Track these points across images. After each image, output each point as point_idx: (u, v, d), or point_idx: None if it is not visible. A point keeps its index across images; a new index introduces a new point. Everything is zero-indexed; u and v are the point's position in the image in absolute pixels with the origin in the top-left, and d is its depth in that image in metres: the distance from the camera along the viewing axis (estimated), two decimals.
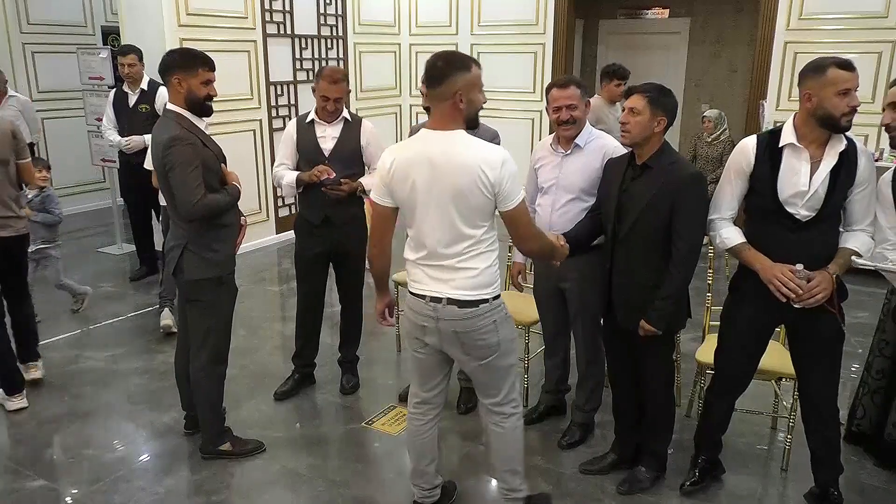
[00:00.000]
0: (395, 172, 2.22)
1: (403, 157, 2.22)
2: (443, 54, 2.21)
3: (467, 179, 2.13)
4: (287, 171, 3.36)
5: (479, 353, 2.30)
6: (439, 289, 2.25)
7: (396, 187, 2.24)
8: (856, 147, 2.36)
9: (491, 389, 2.41)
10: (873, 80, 5.55)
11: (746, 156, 2.46)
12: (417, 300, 2.31)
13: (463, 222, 2.18)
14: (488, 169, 2.12)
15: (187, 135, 2.66)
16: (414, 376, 2.52)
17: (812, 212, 2.35)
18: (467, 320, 2.24)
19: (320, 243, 3.40)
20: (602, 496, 2.79)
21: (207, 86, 2.72)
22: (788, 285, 2.32)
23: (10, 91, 6.45)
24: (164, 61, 2.72)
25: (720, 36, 7.76)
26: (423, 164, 2.17)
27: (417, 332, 2.36)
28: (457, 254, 2.22)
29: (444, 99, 2.16)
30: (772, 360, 2.80)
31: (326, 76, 3.23)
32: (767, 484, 2.91)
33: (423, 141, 2.21)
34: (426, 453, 2.57)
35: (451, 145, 2.16)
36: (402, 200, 2.25)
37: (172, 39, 5.29)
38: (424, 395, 2.51)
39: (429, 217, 2.20)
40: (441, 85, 2.15)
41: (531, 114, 7.20)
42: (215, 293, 2.83)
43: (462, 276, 2.23)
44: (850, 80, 2.26)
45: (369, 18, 7.30)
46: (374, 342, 4.27)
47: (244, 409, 3.45)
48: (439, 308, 2.25)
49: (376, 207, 2.33)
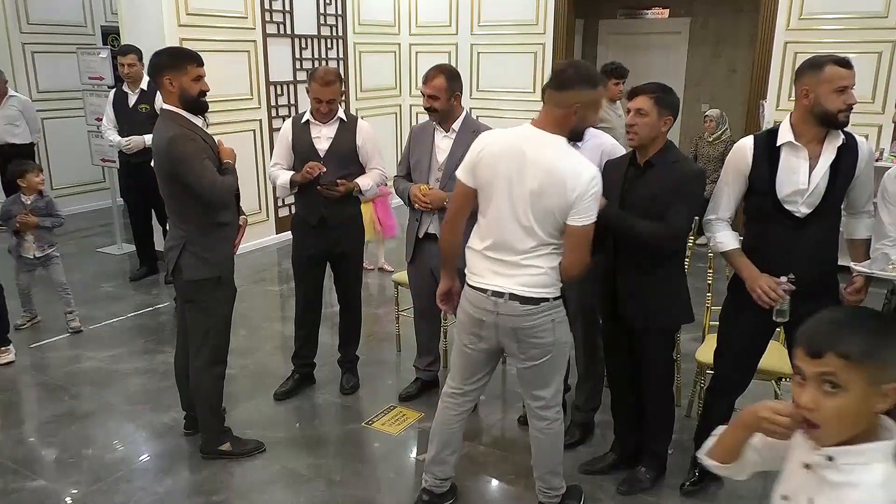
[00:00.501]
0: (485, 156, 2.25)
1: (497, 144, 2.26)
2: (575, 63, 2.25)
3: (552, 182, 2.16)
4: (282, 172, 3.36)
5: (533, 351, 2.32)
6: (502, 283, 2.26)
7: (481, 170, 2.26)
8: (855, 140, 2.37)
9: (540, 391, 2.42)
10: (873, 80, 5.55)
11: (744, 156, 2.47)
12: (478, 294, 2.31)
13: (536, 222, 2.21)
14: (576, 179, 2.16)
15: (187, 132, 2.66)
16: (458, 370, 2.51)
17: (811, 208, 2.36)
18: (527, 317, 2.26)
19: (317, 243, 3.39)
20: (602, 496, 2.79)
21: (199, 81, 2.71)
22: (770, 295, 2.36)
23: (10, 91, 6.46)
24: (152, 63, 2.71)
25: (720, 36, 7.75)
26: (514, 156, 2.21)
27: (474, 327, 2.36)
28: (524, 250, 2.24)
29: (562, 106, 2.19)
30: (772, 360, 2.80)
31: (318, 78, 3.22)
32: (767, 484, 2.90)
33: (523, 135, 2.24)
34: (451, 443, 2.59)
35: (549, 147, 2.21)
36: (483, 184, 2.27)
37: (172, 39, 5.29)
38: (466, 388, 2.52)
39: (506, 208, 2.22)
40: (564, 92, 2.18)
41: (531, 114, 7.14)
42: (214, 293, 2.83)
43: (527, 272, 2.24)
44: (847, 77, 2.27)
45: (369, 18, 7.30)
46: (375, 343, 4.27)
47: (244, 409, 3.45)
48: (500, 303, 2.26)
49: (458, 185, 2.36)
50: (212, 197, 2.69)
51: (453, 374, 2.54)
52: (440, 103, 3.06)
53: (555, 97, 2.20)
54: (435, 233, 3.19)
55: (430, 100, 3.07)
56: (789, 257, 2.37)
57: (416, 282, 3.40)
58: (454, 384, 2.54)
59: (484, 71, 7.43)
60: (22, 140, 6.51)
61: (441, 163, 3.14)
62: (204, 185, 2.65)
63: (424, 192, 3.09)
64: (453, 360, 2.54)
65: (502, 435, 3.27)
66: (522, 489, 2.85)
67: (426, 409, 3.44)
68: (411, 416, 3.39)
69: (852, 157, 2.34)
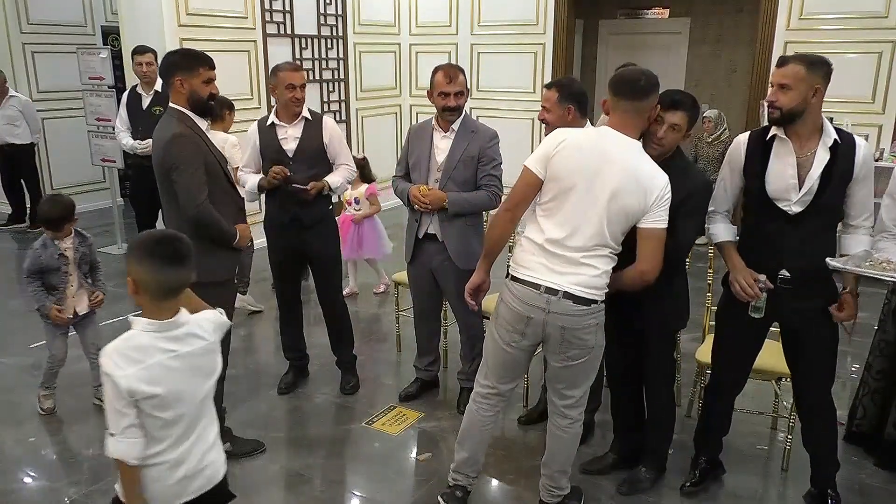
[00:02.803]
0: (564, 148, 2.23)
1: (578, 140, 2.25)
2: (644, 71, 2.28)
3: (633, 182, 2.19)
4: (250, 176, 3.37)
5: (574, 352, 2.31)
6: (556, 280, 2.23)
7: (558, 162, 2.23)
8: (852, 142, 2.35)
9: (570, 391, 2.42)
10: (873, 80, 5.55)
11: (739, 151, 2.51)
12: (528, 289, 2.27)
13: (608, 222, 2.21)
14: (654, 182, 2.21)
15: (190, 133, 2.66)
16: (494, 370, 2.46)
17: (803, 206, 2.36)
18: (577, 317, 2.25)
19: (291, 244, 3.40)
20: (602, 496, 2.79)
21: (209, 84, 2.73)
22: (747, 291, 2.39)
23: (10, 91, 6.46)
24: (164, 63, 2.73)
25: (720, 36, 7.75)
26: (594, 152, 2.22)
27: (519, 323, 2.31)
28: (585, 248, 2.23)
29: (641, 112, 2.25)
30: (771, 359, 2.80)
31: (284, 67, 3.25)
32: (767, 484, 2.91)
33: (604, 134, 2.26)
34: (484, 442, 2.58)
35: (630, 150, 2.24)
36: (557, 177, 2.24)
37: (172, 39, 5.29)
38: (502, 387, 2.48)
39: (579, 203, 2.21)
40: (645, 99, 2.24)
41: (531, 114, 7.18)
42: (209, 296, 2.79)
43: (583, 272, 2.23)
44: (775, 74, 2.34)
45: (369, 18, 7.30)
46: (374, 342, 4.27)
47: (244, 409, 3.45)
48: (553, 300, 2.24)
49: (527, 174, 2.30)
50: (188, 213, 2.66)
51: (488, 374, 2.48)
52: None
53: (636, 105, 2.23)
54: (435, 233, 3.19)
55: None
56: (780, 254, 2.38)
57: (415, 282, 3.40)
58: (490, 384, 2.48)
59: (484, 71, 7.43)
60: (22, 140, 6.52)
61: (440, 163, 3.14)
62: (185, 198, 2.64)
63: (424, 193, 3.09)
64: (488, 359, 2.47)
65: (502, 435, 3.27)
66: (522, 489, 2.85)
67: (426, 409, 3.45)
68: (411, 416, 3.39)
69: (849, 158, 2.33)
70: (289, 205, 3.30)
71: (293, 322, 3.63)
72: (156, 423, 1.66)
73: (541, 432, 3.22)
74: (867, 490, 2.83)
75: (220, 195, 2.75)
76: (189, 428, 1.72)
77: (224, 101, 4.72)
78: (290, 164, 3.26)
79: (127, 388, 1.60)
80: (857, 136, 2.39)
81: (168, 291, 1.67)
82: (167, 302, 1.68)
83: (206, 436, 1.78)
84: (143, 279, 1.65)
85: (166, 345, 1.67)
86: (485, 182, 3.13)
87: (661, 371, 2.72)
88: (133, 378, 1.60)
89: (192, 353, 1.71)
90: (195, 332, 1.74)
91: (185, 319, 1.72)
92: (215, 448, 1.81)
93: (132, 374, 1.61)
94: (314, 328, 4.12)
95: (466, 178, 3.12)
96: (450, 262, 3.18)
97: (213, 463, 1.80)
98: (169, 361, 1.67)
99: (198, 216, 2.67)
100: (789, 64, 2.30)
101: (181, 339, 1.70)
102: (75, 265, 3.22)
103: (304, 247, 3.41)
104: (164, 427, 1.67)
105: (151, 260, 1.64)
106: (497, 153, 3.17)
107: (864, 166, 2.35)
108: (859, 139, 2.38)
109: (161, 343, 1.67)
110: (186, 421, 1.70)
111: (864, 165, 2.35)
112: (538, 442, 3.15)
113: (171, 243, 1.69)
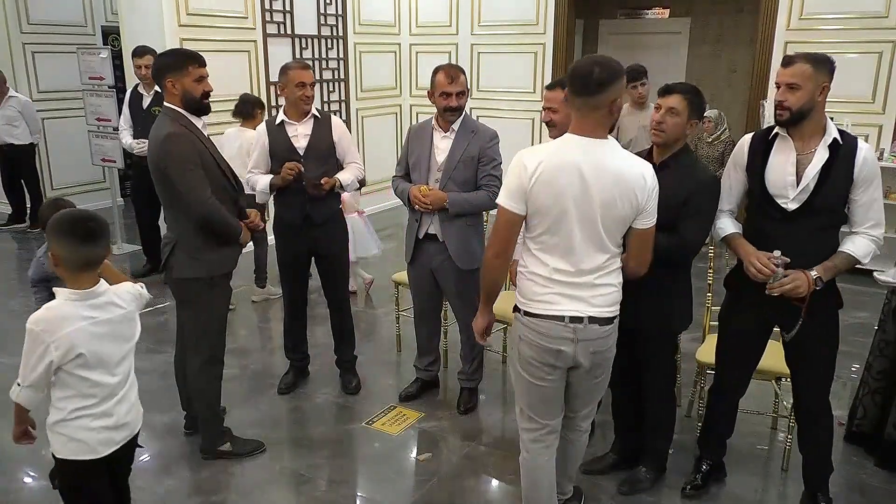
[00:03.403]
0: (541, 177, 2.04)
1: (552, 163, 2.04)
2: (598, 60, 2.04)
3: (619, 190, 2.05)
4: (260, 177, 3.37)
5: (600, 370, 2.24)
6: (578, 308, 2.11)
7: (539, 194, 2.05)
8: (854, 145, 2.33)
9: (588, 405, 2.38)
10: (873, 80, 5.55)
11: (742, 149, 2.51)
12: (553, 323, 2.12)
13: (607, 236, 2.10)
14: (642, 182, 2.08)
15: (184, 132, 2.66)
16: (534, 408, 2.28)
17: (799, 203, 2.35)
18: (605, 339, 2.17)
19: (302, 243, 3.40)
20: (602, 496, 2.79)
21: (201, 82, 2.71)
22: (763, 271, 2.34)
23: (10, 91, 6.46)
24: (154, 65, 2.74)
25: (720, 36, 7.75)
26: (573, 173, 2.03)
27: (549, 357, 2.16)
28: (597, 269, 2.11)
29: (599, 108, 2.04)
30: (772, 360, 2.80)
31: (294, 66, 3.25)
32: (767, 484, 2.91)
33: (572, 147, 2.07)
34: (553, 486, 2.41)
35: (604, 155, 2.07)
36: (542, 208, 2.07)
37: (172, 39, 5.29)
38: (551, 423, 2.31)
39: (576, 229, 2.07)
40: (600, 93, 2.02)
41: (531, 114, 7.19)
42: (205, 294, 2.80)
43: (601, 292, 2.13)
44: (780, 74, 2.32)
45: (369, 18, 7.30)
46: (374, 343, 4.27)
47: (244, 409, 3.45)
48: (580, 329, 2.12)
49: (505, 213, 2.12)
50: (195, 209, 2.67)
51: (530, 415, 2.30)
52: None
53: (590, 102, 2.03)
54: (435, 233, 3.19)
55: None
56: (774, 248, 2.35)
57: (415, 282, 3.40)
58: (536, 424, 2.31)
59: (484, 71, 7.43)
60: (21, 140, 6.52)
61: (440, 163, 3.14)
62: (190, 196, 2.64)
63: (424, 193, 3.09)
64: (524, 400, 2.30)
65: (502, 435, 3.27)
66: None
67: (426, 409, 3.45)
68: (411, 416, 3.39)
69: (849, 159, 2.31)
70: (300, 204, 3.31)
71: (298, 322, 3.63)
72: (84, 383, 1.92)
73: None
74: (867, 490, 2.83)
75: (218, 193, 2.75)
76: (115, 388, 1.98)
77: (255, 100, 4.78)
78: (301, 161, 3.26)
79: (55, 352, 1.84)
80: (860, 140, 2.37)
81: (84, 265, 1.89)
82: (85, 274, 1.90)
83: (129, 396, 2.06)
84: (61, 254, 1.87)
85: (87, 312, 1.91)
86: (485, 182, 3.13)
87: (662, 371, 2.71)
88: (59, 341, 1.84)
89: (111, 319, 1.96)
90: (114, 300, 1.98)
91: (104, 289, 1.96)
92: (136, 406, 2.11)
93: (59, 339, 1.84)
94: (314, 328, 4.12)
95: (466, 179, 3.12)
96: (450, 262, 3.18)
97: (135, 419, 2.10)
98: (90, 327, 1.90)
99: (207, 213, 2.68)
100: (796, 63, 2.28)
101: (101, 307, 1.94)
102: None
103: (314, 245, 3.41)
104: (92, 386, 1.93)
105: (68, 238, 1.86)
106: (497, 153, 3.17)
107: (865, 169, 2.31)
108: (862, 143, 2.36)
109: (82, 311, 1.90)
110: (111, 384, 1.97)
111: (865, 168, 2.31)
112: None
113: (86, 223, 1.89)
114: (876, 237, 2.38)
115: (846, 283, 2.52)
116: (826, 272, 2.33)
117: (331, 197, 3.37)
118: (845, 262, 2.36)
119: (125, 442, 2.05)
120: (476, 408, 3.47)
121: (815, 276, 2.31)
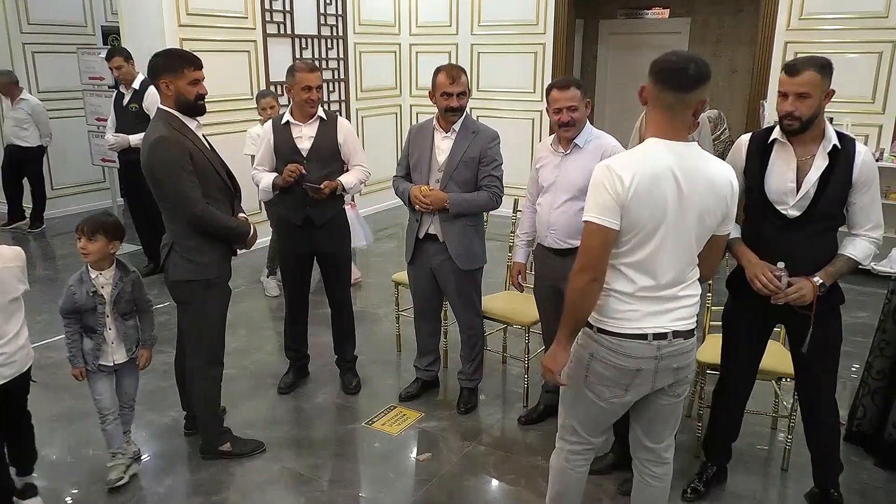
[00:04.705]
0: (638, 189, 1.85)
1: (648, 172, 1.86)
2: (692, 56, 1.90)
3: (715, 197, 1.93)
4: (264, 174, 3.37)
5: (681, 387, 2.09)
6: (662, 323, 1.97)
7: (637, 207, 1.86)
8: (853, 148, 2.32)
9: (672, 428, 2.18)
10: (873, 80, 5.55)
11: (740, 152, 2.50)
12: (634, 342, 1.96)
13: (697, 244, 1.97)
14: (730, 187, 1.95)
15: (175, 135, 2.63)
16: (586, 426, 2.17)
17: (800, 210, 2.35)
18: (688, 353, 2.03)
19: (303, 243, 3.41)
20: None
21: (196, 85, 2.68)
22: (768, 286, 2.33)
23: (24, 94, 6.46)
24: (150, 65, 2.69)
25: (720, 36, 7.75)
26: (669, 181, 1.87)
27: (625, 378, 2.01)
28: (682, 280, 1.98)
29: (689, 106, 1.89)
30: (772, 360, 2.80)
31: (301, 68, 3.26)
32: (768, 484, 2.91)
33: (664, 153, 1.89)
34: (583, 487, 2.34)
35: (696, 159, 1.92)
36: (639, 221, 1.89)
37: (173, 39, 5.29)
38: (595, 440, 2.21)
39: (670, 241, 1.91)
40: (694, 90, 1.87)
41: (531, 114, 7.20)
42: (203, 295, 2.79)
43: (684, 304, 1.99)
44: (785, 83, 2.29)
45: (369, 18, 7.30)
46: (374, 342, 4.27)
47: (244, 409, 3.45)
48: (664, 345, 1.97)
49: (601, 232, 1.89)
50: (185, 214, 2.65)
51: (578, 429, 2.19)
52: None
53: (685, 99, 1.87)
54: (435, 233, 3.19)
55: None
56: (775, 256, 2.36)
57: (416, 282, 3.40)
58: (582, 440, 2.21)
59: (484, 71, 7.43)
60: (28, 143, 6.54)
61: (441, 163, 3.14)
62: (180, 200, 2.63)
63: (425, 193, 3.09)
64: (578, 416, 2.17)
65: (502, 435, 3.27)
66: (522, 489, 2.85)
67: (426, 409, 3.45)
68: (411, 416, 3.39)
69: (847, 163, 2.31)
70: (301, 205, 3.31)
71: (299, 323, 3.63)
72: None
73: (541, 432, 3.23)
74: (867, 490, 2.83)
75: (214, 193, 2.74)
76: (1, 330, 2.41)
77: (271, 94, 4.85)
78: (304, 163, 3.26)
79: None
80: (858, 143, 2.36)
81: None
82: None
83: (18, 339, 2.47)
84: None
85: None
86: (486, 183, 3.13)
87: None
88: None
89: None
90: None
91: None
92: (26, 346, 2.51)
93: None
94: (314, 328, 4.11)
95: (467, 179, 3.12)
96: (450, 262, 3.18)
97: (24, 357, 2.51)
98: None
99: (199, 219, 2.66)
100: (805, 71, 2.23)
101: None
102: (111, 305, 2.72)
103: (316, 246, 3.42)
104: None
105: None
106: (498, 154, 3.17)
107: (864, 172, 2.30)
108: (860, 145, 2.35)
109: None
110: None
111: (864, 171, 2.30)
112: (538, 442, 3.16)
113: None
114: (876, 239, 2.38)
115: (846, 283, 2.52)
116: (829, 278, 2.34)
117: (333, 199, 3.36)
118: (847, 265, 2.37)
119: (14, 377, 2.46)
120: (476, 408, 3.47)
121: (818, 283, 2.32)
